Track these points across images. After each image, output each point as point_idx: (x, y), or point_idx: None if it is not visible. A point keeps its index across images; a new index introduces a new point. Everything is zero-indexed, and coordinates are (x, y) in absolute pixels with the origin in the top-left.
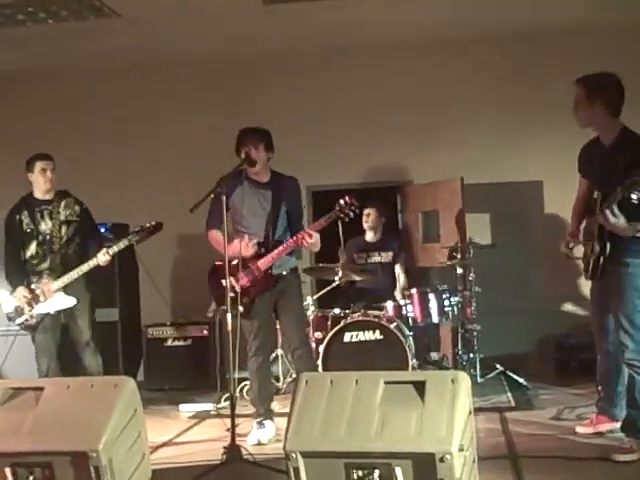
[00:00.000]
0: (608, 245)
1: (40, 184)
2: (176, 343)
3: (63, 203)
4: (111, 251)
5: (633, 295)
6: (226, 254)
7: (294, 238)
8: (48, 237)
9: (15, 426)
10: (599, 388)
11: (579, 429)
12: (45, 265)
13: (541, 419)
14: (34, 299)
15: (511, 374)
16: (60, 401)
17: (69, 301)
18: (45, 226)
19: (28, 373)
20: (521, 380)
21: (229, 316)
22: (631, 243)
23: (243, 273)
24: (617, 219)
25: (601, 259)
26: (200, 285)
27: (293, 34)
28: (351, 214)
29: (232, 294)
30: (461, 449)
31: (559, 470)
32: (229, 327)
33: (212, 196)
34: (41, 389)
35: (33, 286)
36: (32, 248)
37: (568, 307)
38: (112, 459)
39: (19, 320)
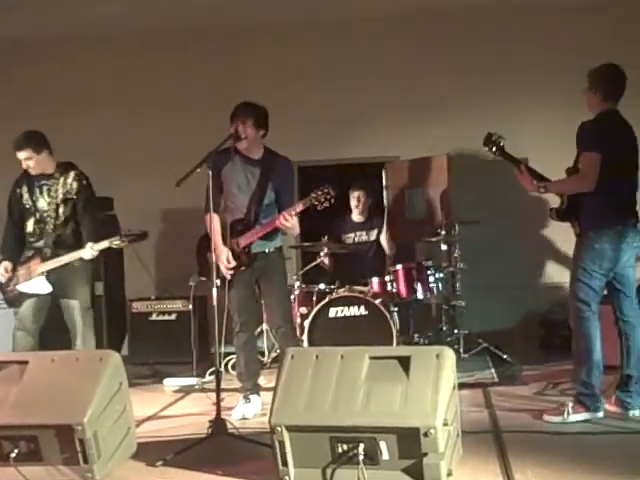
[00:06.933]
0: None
1: (47, 164)
2: (160, 317)
3: (62, 180)
4: (97, 247)
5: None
6: (213, 235)
7: (272, 220)
8: (45, 215)
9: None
10: None
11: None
12: (40, 244)
13: (524, 394)
14: (12, 278)
15: (495, 350)
16: (45, 374)
17: (44, 288)
18: (42, 203)
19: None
20: (505, 356)
21: (214, 291)
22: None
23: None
24: None
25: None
26: (185, 260)
27: (279, 6)
28: (326, 203)
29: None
30: (445, 424)
31: (542, 444)
32: (214, 302)
33: (198, 171)
34: (25, 362)
35: (20, 265)
36: (30, 225)
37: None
38: (97, 432)
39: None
